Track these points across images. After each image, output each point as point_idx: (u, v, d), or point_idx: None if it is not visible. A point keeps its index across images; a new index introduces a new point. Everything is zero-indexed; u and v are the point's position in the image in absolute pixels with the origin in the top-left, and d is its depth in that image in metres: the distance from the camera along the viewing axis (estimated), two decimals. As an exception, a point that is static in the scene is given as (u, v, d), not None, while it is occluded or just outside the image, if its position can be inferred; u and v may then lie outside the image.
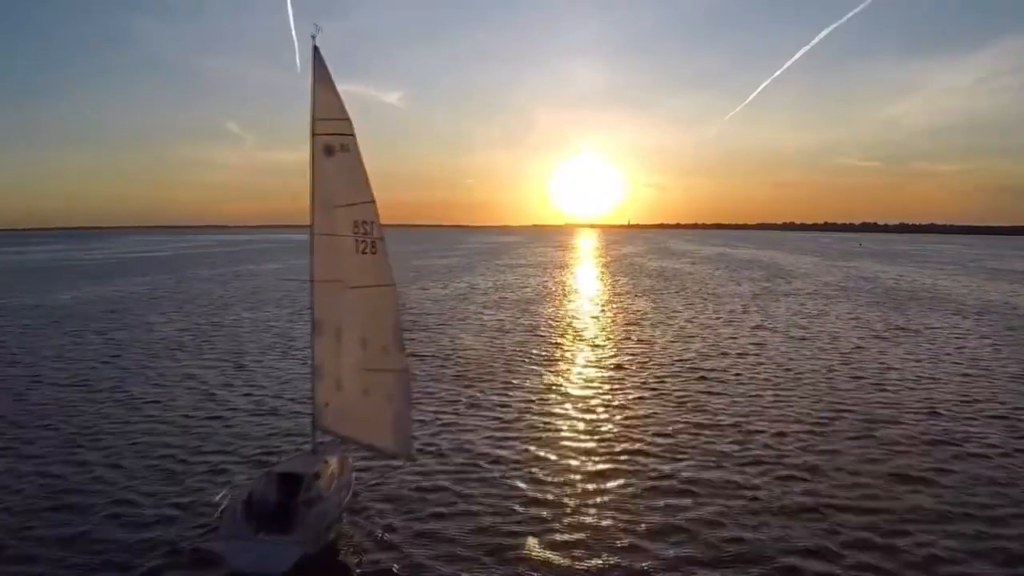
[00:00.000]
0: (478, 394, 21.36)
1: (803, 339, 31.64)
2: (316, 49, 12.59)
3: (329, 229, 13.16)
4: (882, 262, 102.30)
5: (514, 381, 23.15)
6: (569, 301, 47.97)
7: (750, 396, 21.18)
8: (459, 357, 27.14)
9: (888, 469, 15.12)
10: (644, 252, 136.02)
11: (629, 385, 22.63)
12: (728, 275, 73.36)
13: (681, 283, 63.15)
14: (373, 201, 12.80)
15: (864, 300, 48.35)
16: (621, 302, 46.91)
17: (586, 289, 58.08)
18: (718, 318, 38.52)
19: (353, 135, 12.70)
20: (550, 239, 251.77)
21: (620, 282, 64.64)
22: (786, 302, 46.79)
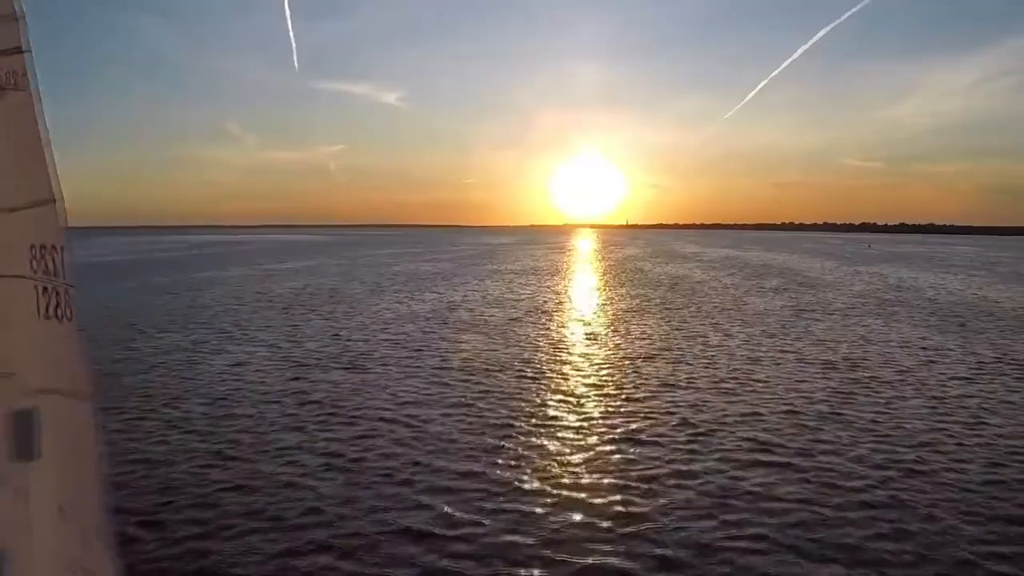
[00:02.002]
0: (415, 501, 13.58)
1: (876, 382, 23.91)
2: None
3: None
4: (903, 266, 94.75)
5: (474, 477, 15.35)
6: (565, 322, 40.22)
7: (866, 504, 13.46)
8: (397, 421, 19.28)
9: None
10: (646, 255, 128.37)
11: (671, 481, 14.85)
12: (746, 283, 65.71)
13: (696, 294, 55.51)
14: (60, 199, 4.76)
15: (919, 318, 40.69)
16: (630, 323, 39.15)
17: (586, 303, 50.35)
18: (758, 348, 30.75)
19: (30, 51, 4.23)
20: (548, 240, 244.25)
21: (625, 293, 56.99)
22: (828, 322, 39.12)
